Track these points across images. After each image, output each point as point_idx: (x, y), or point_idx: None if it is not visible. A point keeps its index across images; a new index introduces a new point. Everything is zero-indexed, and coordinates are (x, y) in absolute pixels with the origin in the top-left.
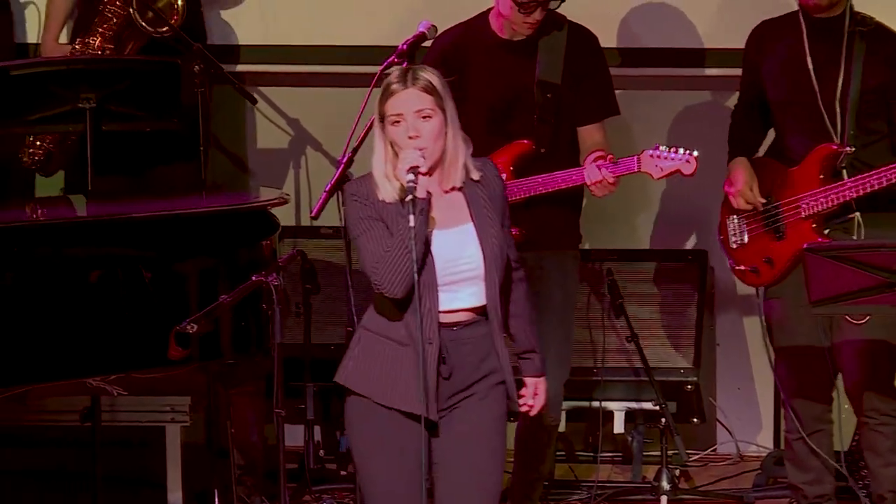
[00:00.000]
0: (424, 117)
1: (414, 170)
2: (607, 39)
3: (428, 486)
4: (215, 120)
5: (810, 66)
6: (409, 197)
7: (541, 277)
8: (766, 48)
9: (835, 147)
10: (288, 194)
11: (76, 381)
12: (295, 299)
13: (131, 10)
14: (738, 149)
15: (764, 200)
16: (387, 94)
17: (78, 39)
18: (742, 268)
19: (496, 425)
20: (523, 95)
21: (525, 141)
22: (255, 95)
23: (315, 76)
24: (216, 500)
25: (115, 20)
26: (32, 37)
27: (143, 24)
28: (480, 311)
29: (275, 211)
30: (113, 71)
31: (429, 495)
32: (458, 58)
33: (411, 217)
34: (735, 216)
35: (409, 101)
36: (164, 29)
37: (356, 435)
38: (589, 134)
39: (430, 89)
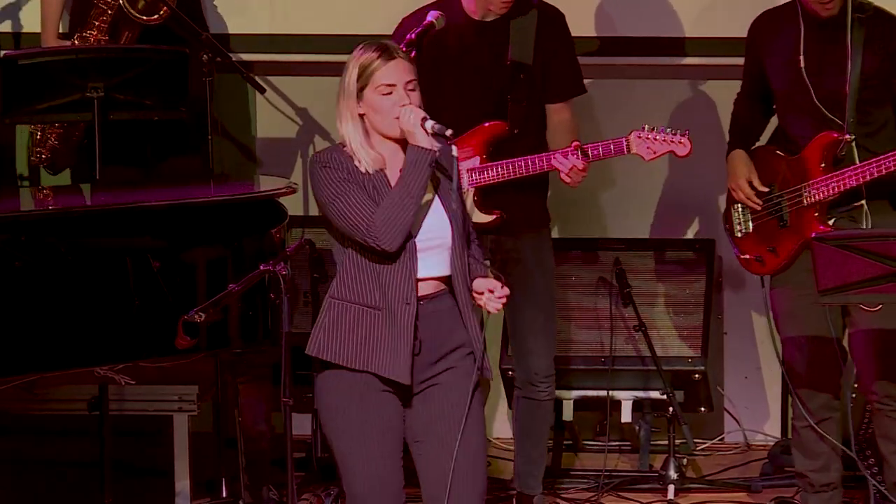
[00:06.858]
0: (412, 90)
1: (426, 119)
2: (586, 28)
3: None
4: (223, 109)
5: (802, 64)
6: (450, 131)
7: (519, 260)
8: (765, 42)
9: (835, 135)
10: (296, 183)
11: (84, 370)
12: (303, 288)
13: (121, 1)
14: (737, 140)
15: (766, 189)
16: (374, 67)
17: (76, 34)
18: (747, 257)
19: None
20: (496, 76)
21: (499, 122)
22: (264, 84)
23: (323, 65)
24: (224, 489)
25: (109, 11)
26: (28, 26)
27: (135, 13)
28: (445, 282)
29: (283, 200)
30: (121, 60)
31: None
32: (431, 39)
33: (454, 147)
34: (739, 205)
35: (401, 72)
36: (155, 17)
37: (330, 409)
38: (557, 112)
39: (413, 63)
